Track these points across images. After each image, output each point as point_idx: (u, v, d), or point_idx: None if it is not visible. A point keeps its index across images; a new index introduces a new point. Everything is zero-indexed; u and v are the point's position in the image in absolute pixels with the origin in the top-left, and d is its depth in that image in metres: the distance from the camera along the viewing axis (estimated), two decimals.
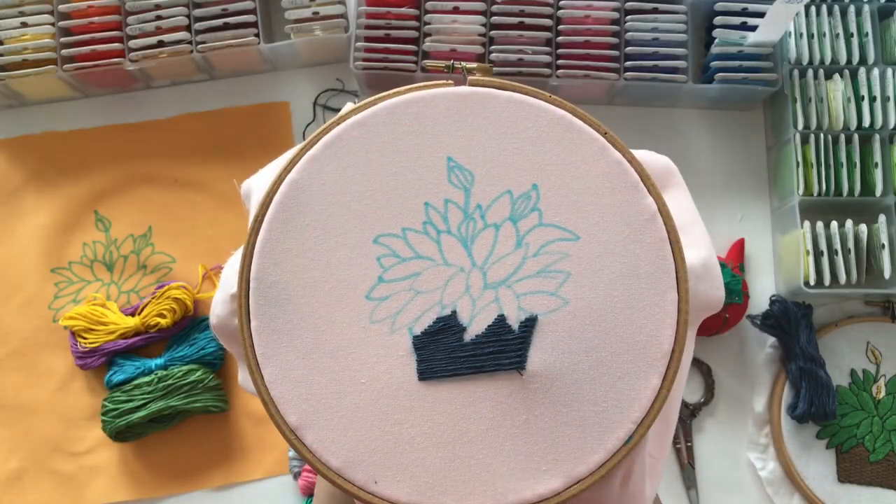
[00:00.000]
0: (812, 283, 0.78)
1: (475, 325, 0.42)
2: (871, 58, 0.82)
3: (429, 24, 0.81)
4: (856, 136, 0.80)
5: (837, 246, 0.78)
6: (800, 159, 0.80)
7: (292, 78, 0.89)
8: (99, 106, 0.89)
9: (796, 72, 0.82)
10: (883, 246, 0.78)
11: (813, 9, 0.83)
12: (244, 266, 0.43)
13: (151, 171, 0.87)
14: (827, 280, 0.78)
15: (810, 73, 0.81)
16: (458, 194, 0.43)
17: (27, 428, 0.82)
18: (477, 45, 0.81)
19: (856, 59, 0.82)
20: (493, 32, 0.81)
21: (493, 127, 0.43)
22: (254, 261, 0.43)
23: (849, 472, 0.78)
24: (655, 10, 0.82)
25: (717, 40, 0.81)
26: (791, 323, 0.79)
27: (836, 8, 0.83)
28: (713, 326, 0.80)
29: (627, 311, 0.42)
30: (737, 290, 0.79)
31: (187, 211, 0.86)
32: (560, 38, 0.81)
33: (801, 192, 0.80)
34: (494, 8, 0.81)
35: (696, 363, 0.82)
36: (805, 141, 0.81)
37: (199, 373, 0.79)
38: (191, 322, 0.82)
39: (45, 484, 0.80)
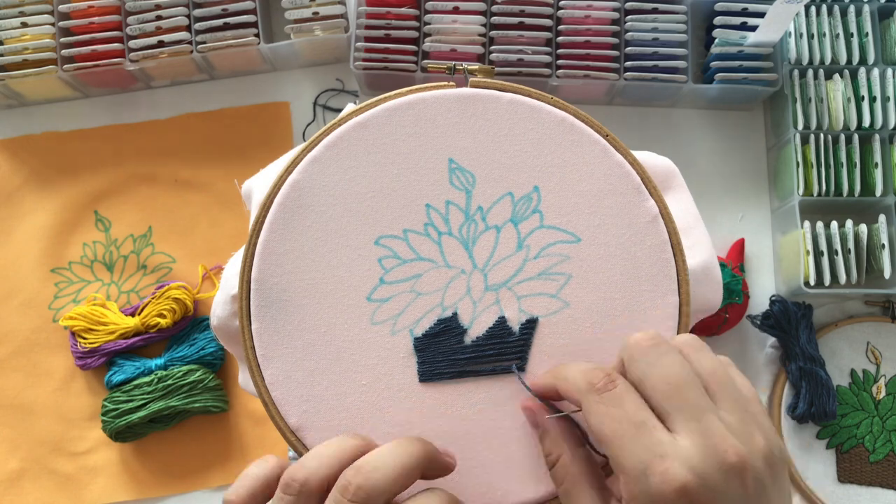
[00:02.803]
0: (812, 283, 0.78)
1: (476, 326, 0.42)
2: (871, 58, 0.82)
3: (429, 24, 0.81)
4: (856, 136, 0.80)
5: (837, 246, 0.78)
6: (800, 159, 0.80)
7: (292, 78, 0.89)
8: (99, 106, 0.89)
9: (796, 72, 0.82)
10: (883, 246, 0.78)
11: (813, 9, 0.83)
12: (245, 267, 0.43)
13: (151, 171, 0.87)
14: (827, 280, 0.78)
15: (810, 73, 0.81)
16: (459, 196, 0.43)
17: (27, 428, 0.81)
18: (477, 45, 0.81)
19: (856, 59, 0.82)
20: (493, 32, 0.81)
21: (495, 128, 0.43)
22: (255, 262, 0.43)
23: (849, 472, 0.78)
24: (655, 10, 0.82)
25: (717, 40, 0.81)
26: (791, 323, 0.79)
27: (836, 8, 0.83)
28: (713, 326, 0.80)
29: (628, 314, 0.42)
30: (737, 290, 0.79)
31: (187, 211, 0.86)
32: (560, 38, 0.81)
33: (801, 192, 0.80)
34: (494, 8, 0.81)
35: None
36: (805, 141, 0.81)
37: (199, 373, 0.79)
38: (191, 322, 0.82)
39: (45, 484, 0.80)
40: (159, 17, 0.82)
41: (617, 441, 0.33)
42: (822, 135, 0.80)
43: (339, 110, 0.78)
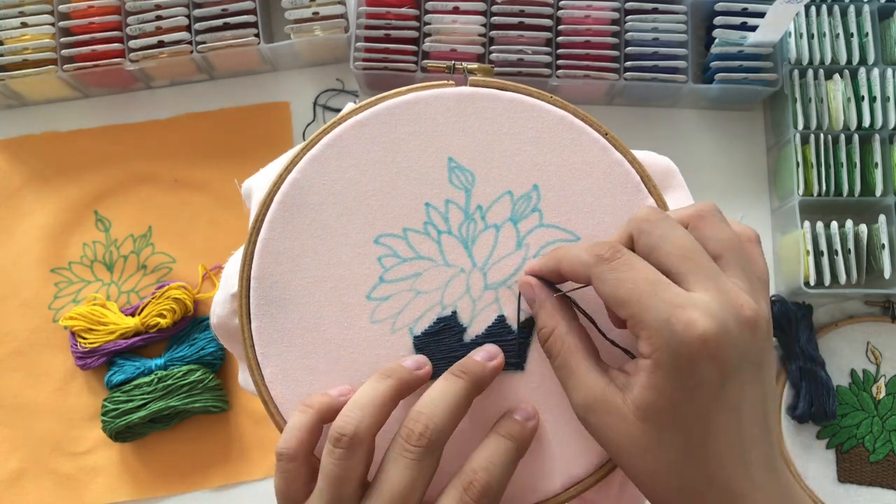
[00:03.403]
0: (812, 283, 0.78)
1: (475, 325, 0.42)
2: (871, 58, 0.82)
3: (429, 24, 0.81)
4: (856, 136, 0.80)
5: (837, 246, 0.78)
6: (800, 159, 0.80)
7: (292, 78, 0.89)
8: (99, 106, 0.89)
9: (796, 72, 0.82)
10: (883, 246, 0.78)
11: (813, 9, 0.83)
12: (245, 266, 0.43)
13: (151, 171, 0.87)
14: (827, 280, 0.78)
15: (810, 73, 0.81)
16: (458, 195, 0.43)
17: (27, 428, 0.81)
18: (477, 45, 0.81)
19: (856, 59, 0.82)
20: (493, 32, 0.81)
21: (494, 127, 0.43)
22: (254, 260, 0.43)
23: (849, 472, 0.78)
24: (655, 10, 0.82)
25: (717, 40, 0.81)
26: (791, 323, 0.79)
27: (836, 8, 0.83)
28: None
29: None
30: None
31: (187, 211, 0.86)
32: (560, 38, 0.81)
33: (801, 192, 0.80)
34: (494, 8, 0.81)
35: None
36: (805, 141, 0.81)
37: (199, 373, 0.79)
38: (191, 322, 0.82)
39: (45, 484, 0.80)
40: (159, 17, 0.82)
41: (635, 299, 0.33)
42: (822, 135, 0.80)
43: (339, 110, 0.78)
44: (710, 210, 0.37)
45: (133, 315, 0.81)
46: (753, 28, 0.79)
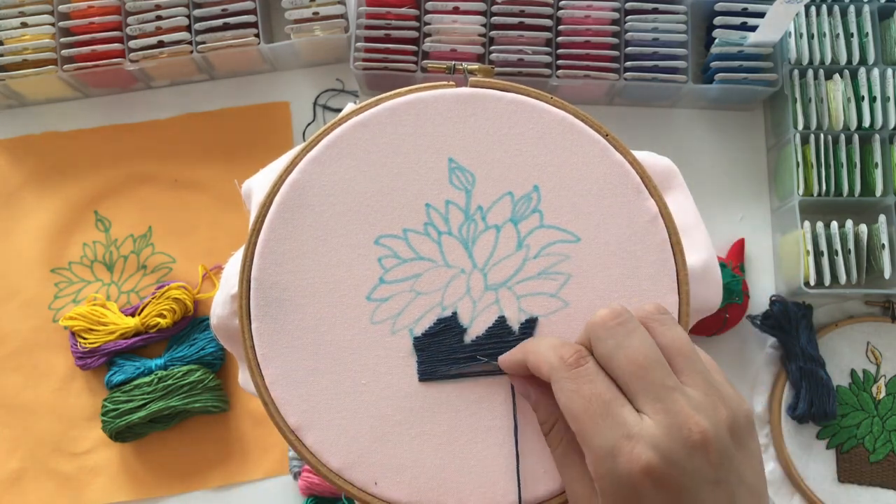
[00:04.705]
0: (812, 283, 0.78)
1: (476, 326, 0.42)
2: (871, 58, 0.82)
3: (429, 24, 0.81)
4: (856, 136, 0.80)
5: (837, 246, 0.78)
6: (800, 159, 0.80)
7: (292, 78, 0.89)
8: (99, 106, 0.89)
9: (796, 72, 0.82)
10: (883, 246, 0.78)
11: (813, 9, 0.83)
12: (245, 266, 0.43)
13: (151, 171, 0.87)
14: (827, 280, 0.78)
15: (810, 73, 0.81)
16: (459, 195, 0.43)
17: (27, 428, 0.81)
18: (477, 45, 0.81)
19: (856, 59, 0.82)
20: (493, 32, 0.81)
21: (495, 128, 0.43)
22: (255, 261, 0.43)
23: (849, 473, 0.78)
24: (655, 10, 0.82)
25: (717, 40, 0.81)
26: (791, 323, 0.79)
27: (836, 8, 0.83)
28: (713, 326, 0.80)
29: None
30: (737, 290, 0.79)
31: (187, 211, 0.86)
32: (560, 39, 0.81)
33: (801, 192, 0.80)
34: (494, 8, 0.81)
35: None
36: (805, 141, 0.81)
37: (199, 373, 0.79)
38: (191, 322, 0.82)
39: (45, 484, 0.80)
40: (159, 17, 0.82)
41: (586, 419, 0.34)
42: (822, 135, 0.80)
43: (339, 110, 0.78)
44: (651, 314, 0.37)
45: (133, 315, 0.81)
46: (753, 28, 0.79)
